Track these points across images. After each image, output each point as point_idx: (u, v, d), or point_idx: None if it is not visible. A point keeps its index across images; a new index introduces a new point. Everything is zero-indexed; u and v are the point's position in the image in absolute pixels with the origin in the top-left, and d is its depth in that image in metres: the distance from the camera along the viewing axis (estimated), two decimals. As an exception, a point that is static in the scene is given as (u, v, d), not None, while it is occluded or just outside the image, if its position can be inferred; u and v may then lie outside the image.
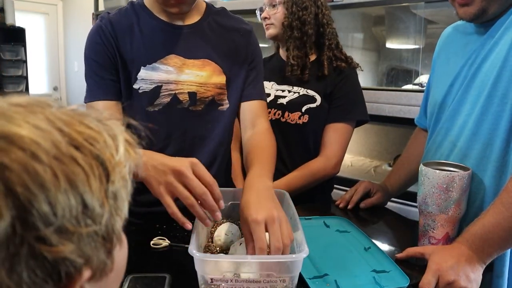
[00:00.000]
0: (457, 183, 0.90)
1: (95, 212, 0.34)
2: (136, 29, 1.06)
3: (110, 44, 1.03)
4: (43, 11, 5.14)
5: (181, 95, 1.07)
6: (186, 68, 1.07)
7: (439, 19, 2.20)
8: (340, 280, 0.82)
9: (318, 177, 1.38)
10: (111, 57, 1.04)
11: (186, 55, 1.07)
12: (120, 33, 1.04)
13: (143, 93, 1.05)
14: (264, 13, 1.43)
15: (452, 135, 1.03)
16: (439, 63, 1.16)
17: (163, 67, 1.05)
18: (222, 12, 1.16)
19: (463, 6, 0.96)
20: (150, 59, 1.05)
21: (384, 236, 1.14)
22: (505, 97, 0.91)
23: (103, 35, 1.03)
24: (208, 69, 1.08)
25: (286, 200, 1.00)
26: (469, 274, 0.82)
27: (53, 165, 0.32)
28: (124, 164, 0.38)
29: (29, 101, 0.36)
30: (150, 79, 1.05)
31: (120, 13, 1.08)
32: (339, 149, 1.40)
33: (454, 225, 0.94)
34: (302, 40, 1.39)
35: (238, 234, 0.92)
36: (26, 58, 4.40)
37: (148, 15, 1.07)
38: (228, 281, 0.73)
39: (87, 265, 0.35)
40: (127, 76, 1.05)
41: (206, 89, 1.09)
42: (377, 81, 2.58)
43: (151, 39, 1.06)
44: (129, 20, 1.06)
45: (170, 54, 1.06)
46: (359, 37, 2.71)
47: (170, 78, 1.06)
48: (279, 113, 1.42)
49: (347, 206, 1.26)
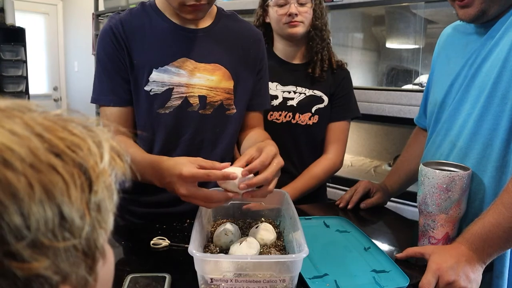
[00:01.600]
0: (457, 183, 0.90)
1: (74, 225, 0.32)
2: (148, 31, 1.05)
3: (120, 46, 1.03)
4: (43, 11, 5.14)
5: (191, 98, 1.07)
6: (198, 72, 1.07)
7: (439, 19, 2.20)
8: (340, 280, 0.82)
9: (329, 175, 1.44)
10: (122, 60, 1.04)
11: (197, 59, 1.07)
12: (130, 34, 1.04)
13: (154, 95, 1.05)
14: (294, 9, 1.35)
15: (452, 135, 1.03)
16: (439, 63, 1.16)
17: (175, 70, 1.05)
18: (233, 16, 1.17)
19: (463, 8, 0.96)
20: (162, 62, 1.04)
21: (384, 236, 1.14)
22: (505, 98, 0.91)
23: (113, 37, 1.03)
24: (218, 74, 1.09)
25: (286, 200, 1.00)
26: (469, 274, 0.82)
27: (28, 173, 0.30)
28: (109, 173, 0.36)
29: (8, 105, 0.34)
30: (161, 81, 1.05)
31: (131, 13, 1.07)
32: (343, 146, 1.46)
33: (454, 225, 0.94)
34: (325, 42, 1.42)
35: (238, 234, 0.92)
36: (26, 58, 4.40)
37: (160, 17, 1.07)
38: (228, 281, 0.73)
39: (65, 283, 0.32)
40: (136, 78, 1.05)
41: (215, 93, 1.09)
42: (377, 81, 2.58)
43: (163, 41, 1.05)
44: (141, 21, 1.06)
45: (182, 58, 1.06)
46: (359, 37, 2.71)
47: (181, 81, 1.06)
48: (289, 115, 1.42)
49: (347, 206, 1.26)
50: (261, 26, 1.46)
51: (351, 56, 2.66)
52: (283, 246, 0.92)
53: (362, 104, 1.49)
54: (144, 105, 1.06)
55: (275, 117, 1.42)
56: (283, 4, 1.36)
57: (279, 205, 1.06)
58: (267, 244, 0.90)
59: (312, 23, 1.39)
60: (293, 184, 1.36)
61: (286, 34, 1.39)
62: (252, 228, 0.96)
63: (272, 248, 0.90)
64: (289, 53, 1.46)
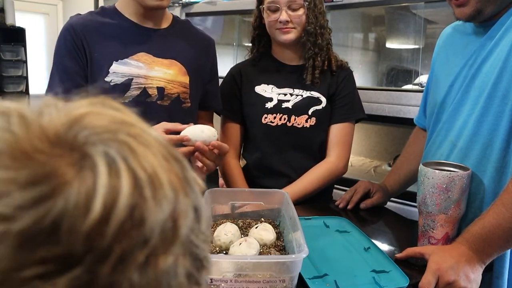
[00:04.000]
0: (456, 183, 0.90)
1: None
2: (108, 28, 1.15)
3: (80, 42, 1.11)
4: (43, 11, 5.14)
5: (150, 89, 1.15)
6: (155, 65, 1.16)
7: (439, 19, 2.20)
8: (340, 280, 0.81)
9: (330, 179, 1.37)
10: (80, 55, 1.12)
11: (155, 54, 1.16)
12: (91, 30, 1.13)
13: (114, 85, 1.12)
14: (285, 16, 1.29)
15: (452, 135, 1.03)
16: (438, 63, 1.16)
17: (134, 63, 1.14)
18: (187, 23, 1.30)
19: (459, 7, 0.96)
20: (122, 55, 1.13)
21: (383, 236, 1.14)
22: (506, 98, 0.91)
23: (74, 34, 1.11)
24: (175, 68, 1.19)
25: (286, 200, 1.01)
26: (469, 274, 0.82)
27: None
28: None
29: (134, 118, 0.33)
30: (121, 72, 1.13)
31: (91, 14, 1.18)
32: (347, 150, 1.40)
33: (453, 225, 0.94)
34: (321, 45, 1.35)
35: (238, 234, 0.92)
36: (26, 58, 4.40)
37: (119, 17, 1.17)
38: (227, 281, 0.73)
39: None
40: (97, 69, 1.12)
41: (173, 86, 1.18)
42: (377, 81, 2.58)
43: (123, 37, 1.15)
44: (101, 20, 1.16)
45: (141, 52, 1.15)
46: (359, 37, 2.71)
47: (140, 73, 1.14)
48: (285, 117, 1.36)
49: (347, 206, 1.26)
50: (258, 27, 1.41)
51: (351, 56, 2.66)
52: (283, 246, 0.92)
53: (362, 104, 1.47)
54: (105, 96, 1.10)
55: (269, 120, 1.36)
56: (275, 10, 1.31)
57: (279, 205, 1.06)
58: (266, 244, 0.90)
59: (304, 28, 1.33)
60: (290, 188, 1.30)
61: (278, 40, 1.35)
62: (252, 228, 0.96)
63: (271, 248, 0.90)
64: (286, 55, 1.41)
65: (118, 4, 1.19)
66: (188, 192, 0.31)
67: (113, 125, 0.29)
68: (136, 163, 0.27)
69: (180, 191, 0.30)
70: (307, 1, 1.30)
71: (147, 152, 0.29)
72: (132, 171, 0.27)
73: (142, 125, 0.31)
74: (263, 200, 1.07)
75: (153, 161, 0.29)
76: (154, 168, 0.28)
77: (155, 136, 0.31)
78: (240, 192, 1.11)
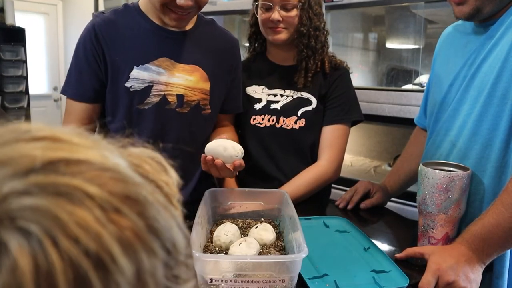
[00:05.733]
0: (456, 183, 0.90)
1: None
2: (130, 30, 1.11)
3: (99, 45, 1.08)
4: (43, 11, 5.14)
5: (169, 97, 1.12)
6: (177, 72, 1.13)
7: (439, 19, 2.20)
8: (340, 280, 0.81)
9: (319, 185, 1.31)
10: (98, 59, 1.09)
11: (177, 59, 1.13)
12: (113, 33, 1.09)
13: (134, 91, 1.10)
14: (277, 15, 1.26)
15: (452, 135, 1.03)
16: (439, 63, 1.16)
17: (155, 69, 1.11)
18: (211, 22, 1.24)
19: (458, 5, 0.97)
20: (143, 60, 1.10)
21: (383, 236, 1.14)
22: (505, 98, 0.91)
23: (94, 36, 1.08)
24: (196, 75, 1.15)
25: (286, 200, 1.00)
26: (469, 274, 0.82)
27: None
28: None
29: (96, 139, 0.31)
30: (142, 78, 1.10)
31: (115, 13, 1.13)
32: (339, 152, 1.34)
33: (453, 225, 0.94)
34: (315, 48, 1.31)
35: (238, 234, 0.92)
36: (26, 58, 4.39)
37: (143, 18, 1.12)
38: (227, 281, 0.73)
39: None
40: (117, 74, 1.09)
41: (193, 93, 1.15)
42: (377, 81, 2.58)
43: (145, 41, 1.11)
44: (124, 21, 1.11)
45: (163, 57, 1.11)
46: (359, 37, 2.71)
47: (161, 80, 1.11)
48: (273, 119, 1.32)
49: (347, 206, 1.26)
50: (254, 25, 1.39)
51: (351, 56, 2.66)
52: (283, 246, 0.92)
53: (362, 104, 1.44)
54: (124, 101, 1.11)
55: (258, 121, 1.33)
56: (268, 8, 1.28)
57: (278, 205, 1.06)
58: (266, 244, 0.90)
59: (297, 29, 1.29)
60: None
61: (269, 39, 1.33)
62: (251, 228, 0.96)
63: (271, 248, 0.90)
64: (279, 55, 1.39)
65: (141, 3, 1.14)
66: (151, 239, 0.25)
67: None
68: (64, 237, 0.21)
69: (140, 248, 0.24)
70: (301, 2, 1.27)
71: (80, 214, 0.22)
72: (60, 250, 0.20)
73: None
74: (263, 200, 1.07)
75: (94, 227, 0.22)
76: (98, 236, 0.22)
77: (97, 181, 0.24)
78: (240, 192, 1.11)
